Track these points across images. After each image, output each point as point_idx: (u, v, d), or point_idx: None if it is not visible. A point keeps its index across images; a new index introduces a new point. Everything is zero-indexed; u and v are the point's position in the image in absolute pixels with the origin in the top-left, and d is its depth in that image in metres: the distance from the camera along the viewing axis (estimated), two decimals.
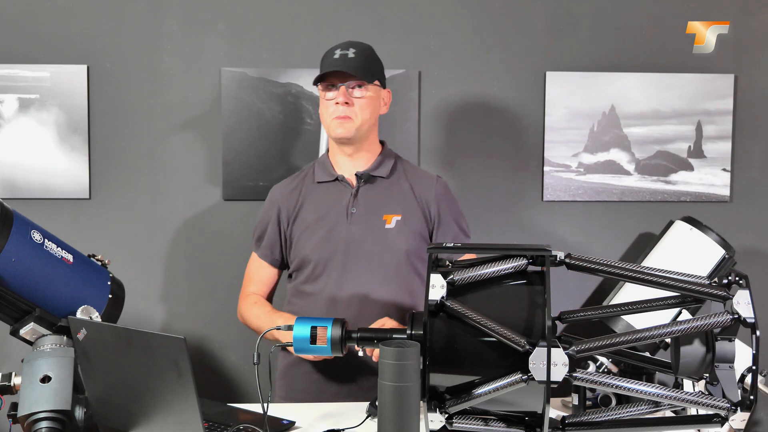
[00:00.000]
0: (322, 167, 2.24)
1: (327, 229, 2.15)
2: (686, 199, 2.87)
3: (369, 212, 2.16)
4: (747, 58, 2.87)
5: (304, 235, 2.18)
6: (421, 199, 2.19)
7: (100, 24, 2.72)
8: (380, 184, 2.20)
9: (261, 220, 2.27)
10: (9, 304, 1.48)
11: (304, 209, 2.20)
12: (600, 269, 1.58)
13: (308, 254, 2.16)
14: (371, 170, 2.20)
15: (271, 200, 2.26)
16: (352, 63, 2.10)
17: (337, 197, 2.18)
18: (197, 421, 1.33)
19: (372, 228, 2.15)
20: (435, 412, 1.54)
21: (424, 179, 2.24)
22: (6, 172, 2.70)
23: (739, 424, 1.48)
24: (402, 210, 2.17)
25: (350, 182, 2.19)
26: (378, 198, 2.18)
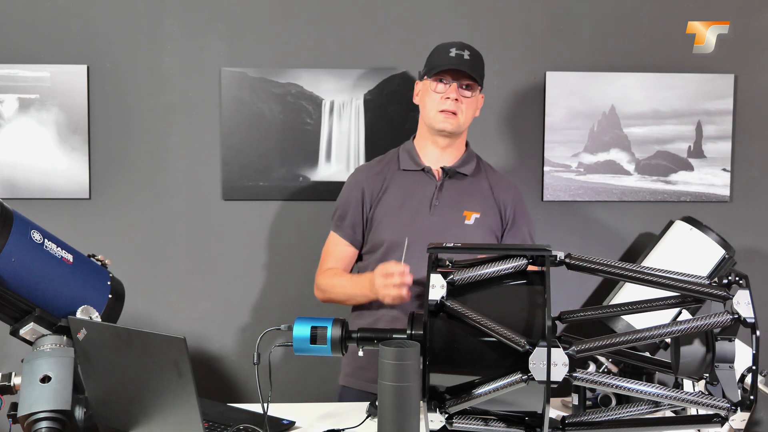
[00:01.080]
0: (408, 155, 2.30)
1: (409, 216, 2.22)
2: (686, 199, 2.87)
3: (451, 206, 2.23)
4: (747, 58, 2.86)
5: (386, 218, 2.24)
6: (498, 200, 2.28)
7: (100, 24, 2.71)
8: (463, 181, 2.28)
9: (344, 200, 2.32)
10: (9, 304, 1.48)
11: (388, 194, 2.26)
12: (600, 269, 1.58)
13: (388, 238, 2.21)
14: (457, 166, 2.28)
15: (355, 181, 2.33)
16: (468, 64, 2.20)
17: (422, 187, 2.25)
18: (197, 421, 1.33)
19: (452, 222, 2.22)
20: (435, 412, 1.54)
21: (503, 182, 2.35)
22: (6, 172, 2.70)
23: (739, 424, 1.48)
24: (481, 208, 2.25)
25: (436, 174, 2.27)
26: (460, 194, 2.26)
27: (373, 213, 2.26)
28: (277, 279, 2.80)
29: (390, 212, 2.24)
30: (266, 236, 2.80)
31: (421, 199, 2.24)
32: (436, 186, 2.25)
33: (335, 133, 2.76)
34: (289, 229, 2.79)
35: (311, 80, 2.75)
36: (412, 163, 2.29)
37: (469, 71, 2.20)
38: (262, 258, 2.81)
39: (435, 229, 2.19)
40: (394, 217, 2.23)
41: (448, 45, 2.25)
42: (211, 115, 2.75)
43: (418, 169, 2.28)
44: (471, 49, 2.24)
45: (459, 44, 2.25)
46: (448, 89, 2.20)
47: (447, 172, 2.26)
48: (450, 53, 2.21)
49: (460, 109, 2.21)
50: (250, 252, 2.79)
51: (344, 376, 2.33)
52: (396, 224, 2.22)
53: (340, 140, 2.76)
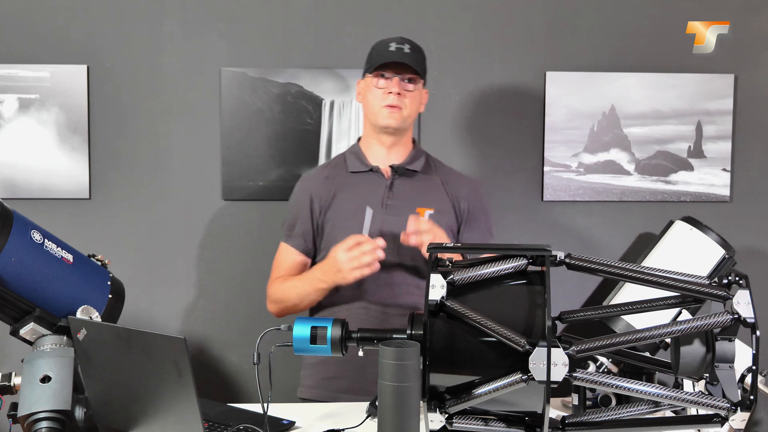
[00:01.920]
0: (355, 157, 2.27)
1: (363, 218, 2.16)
2: (686, 199, 2.87)
3: (404, 204, 2.20)
4: (747, 58, 2.87)
5: (339, 223, 2.20)
6: (452, 195, 2.26)
7: (100, 24, 2.72)
8: (414, 178, 2.25)
9: (292, 209, 2.29)
10: (9, 304, 1.48)
11: (339, 198, 2.22)
12: (600, 269, 1.58)
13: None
14: (406, 164, 2.25)
15: (302, 188, 2.29)
16: (408, 57, 2.17)
17: (372, 187, 2.22)
18: (197, 421, 1.33)
19: (407, 219, 2.16)
20: (435, 412, 1.54)
21: (455, 176, 2.32)
22: (6, 172, 2.70)
23: (739, 424, 1.48)
24: (435, 204, 2.22)
25: (385, 173, 2.23)
26: (412, 191, 2.23)
27: (324, 219, 2.23)
28: None
29: (342, 216, 2.20)
30: (266, 236, 2.79)
31: (374, 200, 2.19)
32: (386, 185, 2.22)
33: (335, 133, 2.76)
34: None
35: (311, 80, 2.75)
36: (360, 164, 2.25)
37: (411, 64, 2.16)
38: (262, 258, 2.80)
39: (390, 228, 2.16)
40: (346, 221, 2.18)
41: (387, 40, 2.21)
42: (211, 115, 2.75)
43: (366, 169, 2.24)
44: (411, 43, 2.21)
45: (398, 38, 2.21)
46: (390, 83, 2.16)
47: (396, 170, 2.23)
48: (390, 47, 2.18)
49: (404, 104, 2.17)
50: (250, 252, 2.79)
51: (306, 389, 2.28)
52: (349, 228, 2.16)
53: (340, 140, 2.76)
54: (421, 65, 2.22)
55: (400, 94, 2.16)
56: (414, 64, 2.17)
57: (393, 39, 2.21)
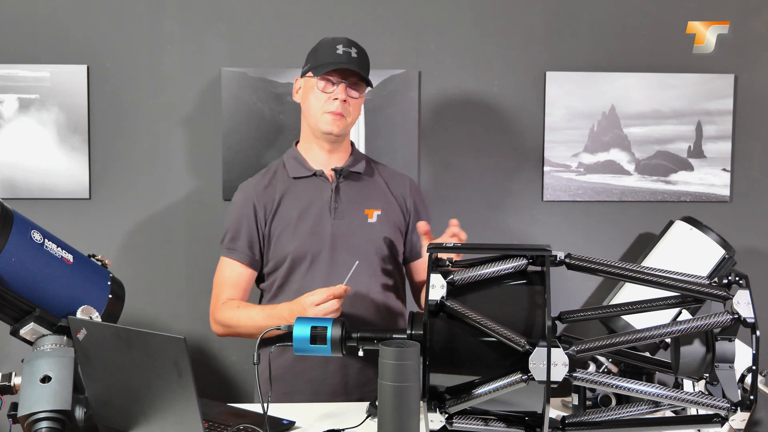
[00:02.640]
0: (295, 162, 2.22)
1: (311, 225, 2.15)
2: (686, 199, 2.87)
3: (351, 207, 2.18)
4: (747, 58, 2.87)
5: (286, 231, 2.16)
6: (397, 194, 2.24)
7: (100, 24, 2.72)
8: (358, 180, 2.22)
9: (234, 220, 2.19)
10: (9, 304, 1.48)
11: (284, 205, 2.17)
12: (600, 269, 1.58)
13: (293, 250, 2.14)
14: (349, 165, 2.21)
15: (244, 198, 2.21)
16: (356, 62, 2.11)
17: (318, 192, 2.18)
18: (197, 421, 1.33)
19: (356, 222, 2.17)
20: (435, 412, 1.54)
21: (396, 176, 2.30)
22: (6, 172, 2.70)
23: (739, 424, 1.48)
24: (381, 205, 2.21)
25: (329, 177, 2.20)
26: (358, 193, 2.20)
27: (269, 228, 2.16)
28: None
29: (289, 224, 2.15)
30: None
31: (320, 205, 2.16)
32: (332, 189, 2.17)
33: None
34: None
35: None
36: (302, 168, 2.19)
37: (360, 71, 2.10)
38: None
39: (340, 232, 2.14)
40: (294, 228, 2.14)
41: (334, 41, 2.13)
42: (211, 115, 2.75)
43: (309, 174, 2.19)
44: (357, 47, 2.14)
45: (345, 41, 2.14)
46: (336, 90, 2.10)
47: (340, 172, 2.18)
48: (337, 50, 2.10)
49: (348, 111, 2.12)
50: None
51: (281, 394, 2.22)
52: (298, 235, 2.14)
53: None
54: (367, 71, 2.16)
55: (345, 101, 2.10)
56: (364, 71, 2.12)
57: (340, 40, 2.14)
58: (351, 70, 2.09)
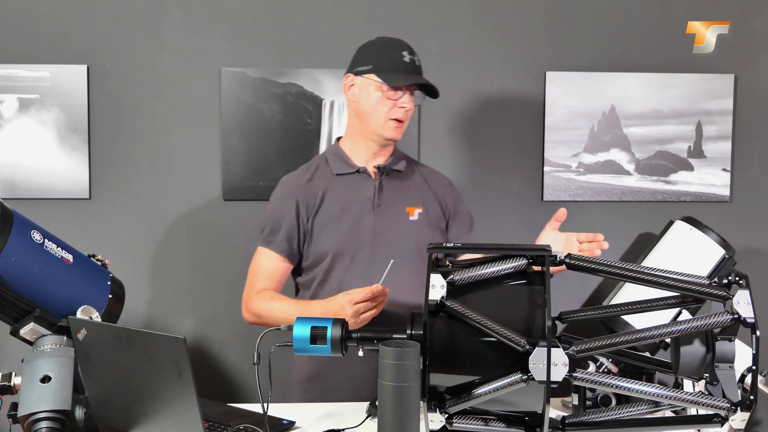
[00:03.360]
0: (338, 159, 2.22)
1: (353, 221, 2.15)
2: (686, 199, 2.87)
3: (393, 204, 2.19)
4: (747, 58, 2.87)
5: (328, 227, 2.16)
6: (436, 192, 2.25)
7: (100, 24, 2.72)
8: (399, 178, 2.23)
9: (275, 213, 2.20)
10: (9, 304, 1.48)
11: (326, 201, 2.18)
12: (600, 269, 1.58)
13: (334, 246, 2.15)
14: (391, 164, 2.23)
15: (287, 192, 2.21)
16: (421, 72, 2.16)
17: (360, 189, 2.19)
18: (197, 421, 1.33)
19: (397, 220, 2.17)
20: (435, 412, 1.54)
21: (434, 174, 2.32)
22: (6, 172, 2.70)
23: (739, 424, 1.48)
24: (422, 203, 2.21)
25: (372, 174, 2.21)
26: (399, 191, 2.21)
27: (312, 224, 2.16)
28: None
29: (331, 220, 2.15)
30: None
31: (362, 202, 2.16)
32: (375, 186, 2.18)
33: (335, 133, 2.76)
34: None
35: (311, 80, 2.75)
36: (345, 165, 2.20)
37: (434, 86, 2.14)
38: None
39: (380, 230, 2.14)
40: (335, 224, 2.15)
41: (396, 45, 2.15)
42: (211, 115, 2.75)
43: (352, 171, 2.19)
44: (416, 54, 2.17)
45: (407, 46, 2.16)
46: (405, 99, 2.11)
47: (383, 170, 2.20)
48: (404, 57, 2.12)
49: (407, 117, 2.16)
50: (250, 252, 2.79)
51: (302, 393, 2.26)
52: (339, 231, 2.15)
53: None
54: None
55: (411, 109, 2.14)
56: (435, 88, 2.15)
57: (402, 46, 2.15)
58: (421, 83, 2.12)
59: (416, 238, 2.17)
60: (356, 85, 2.17)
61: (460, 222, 2.27)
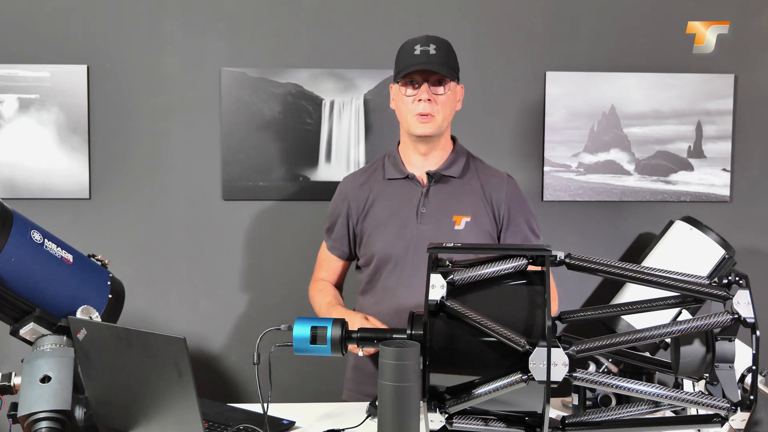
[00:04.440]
0: (393, 163, 2.22)
1: (398, 227, 2.15)
2: (686, 199, 2.87)
3: (439, 212, 2.15)
4: (747, 58, 2.87)
5: (375, 231, 2.17)
6: (491, 199, 2.17)
7: (100, 24, 2.72)
8: (451, 184, 2.18)
9: (332, 211, 2.27)
10: (9, 304, 1.48)
11: (376, 205, 2.18)
12: (600, 269, 1.58)
13: (378, 251, 2.16)
14: (442, 169, 2.18)
15: (342, 193, 2.25)
16: (435, 59, 2.08)
17: (408, 195, 2.17)
18: (197, 421, 1.33)
19: (441, 229, 2.13)
20: (435, 412, 1.54)
21: (495, 178, 2.21)
22: (6, 172, 2.70)
23: (739, 424, 1.48)
24: (472, 211, 2.15)
25: (421, 181, 2.18)
26: (448, 198, 2.16)
27: (361, 226, 2.19)
28: (277, 279, 2.80)
29: (378, 225, 2.16)
30: (266, 236, 2.80)
31: (409, 208, 2.15)
32: (422, 193, 2.15)
33: (335, 133, 2.76)
34: (289, 229, 2.79)
35: (311, 80, 2.75)
36: (397, 171, 2.19)
37: (437, 68, 2.07)
38: (262, 258, 2.81)
39: (424, 238, 2.08)
40: (382, 229, 2.15)
41: (412, 42, 2.12)
42: (211, 115, 2.75)
43: (402, 176, 2.18)
44: (437, 41, 2.11)
45: (423, 39, 2.11)
46: (419, 91, 2.09)
47: (432, 176, 2.16)
48: (415, 51, 2.09)
49: (436, 110, 2.09)
50: (250, 252, 2.79)
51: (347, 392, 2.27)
52: (385, 237, 2.15)
53: (340, 140, 2.76)
54: (451, 64, 2.13)
55: (430, 100, 2.08)
56: (441, 68, 2.08)
57: (418, 40, 2.11)
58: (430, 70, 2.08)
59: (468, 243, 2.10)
60: (394, 93, 2.19)
61: (514, 233, 2.17)
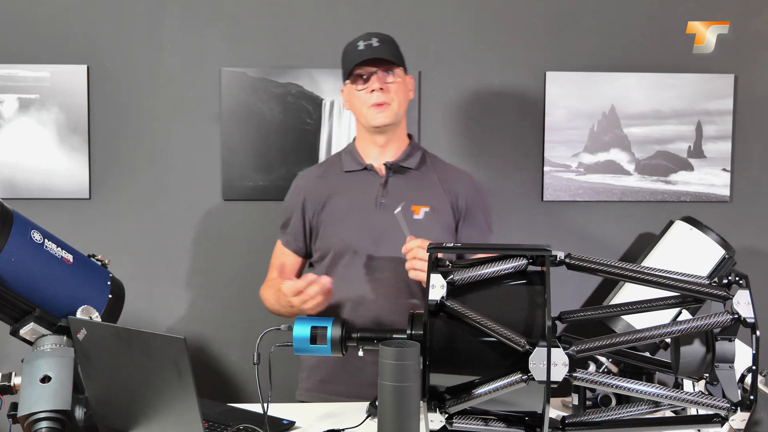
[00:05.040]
0: (350, 156, 2.24)
1: (357, 218, 2.16)
2: (686, 199, 2.87)
3: (398, 202, 2.14)
4: (747, 58, 2.86)
5: (334, 223, 2.18)
6: (449, 192, 2.21)
7: (100, 24, 2.72)
8: (409, 176, 2.21)
9: (286, 207, 2.28)
10: (9, 304, 1.48)
11: (334, 198, 2.19)
12: (600, 269, 1.58)
13: (337, 243, 2.16)
14: (400, 161, 2.21)
15: (296, 188, 2.27)
16: (378, 50, 2.12)
17: (367, 186, 2.19)
18: (197, 421, 1.33)
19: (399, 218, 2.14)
20: (435, 412, 1.54)
21: (452, 172, 2.27)
22: (6, 172, 2.70)
23: (739, 424, 1.48)
24: (430, 202, 2.18)
25: (379, 172, 2.20)
26: (407, 189, 2.19)
27: (317, 220, 2.20)
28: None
29: (337, 216, 2.17)
30: (266, 236, 2.79)
31: (368, 199, 2.17)
32: (381, 183, 2.18)
33: (335, 133, 2.76)
34: None
35: (311, 80, 2.75)
36: (355, 163, 2.22)
37: (382, 56, 2.10)
38: (262, 258, 2.80)
39: (384, 227, 2.13)
40: (340, 221, 2.17)
41: (354, 40, 2.17)
42: (211, 115, 2.75)
43: (360, 168, 2.20)
44: (379, 35, 2.16)
45: (365, 35, 2.16)
46: (370, 82, 2.12)
47: (390, 167, 2.19)
48: (358, 47, 2.13)
49: (390, 98, 2.12)
50: (250, 252, 2.79)
51: (304, 391, 2.27)
52: (343, 228, 2.16)
53: (340, 140, 2.75)
54: (395, 53, 2.16)
55: (382, 89, 2.11)
56: (385, 55, 2.11)
57: (359, 37, 2.17)
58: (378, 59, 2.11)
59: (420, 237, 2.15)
60: (346, 94, 2.21)
61: (471, 225, 2.22)
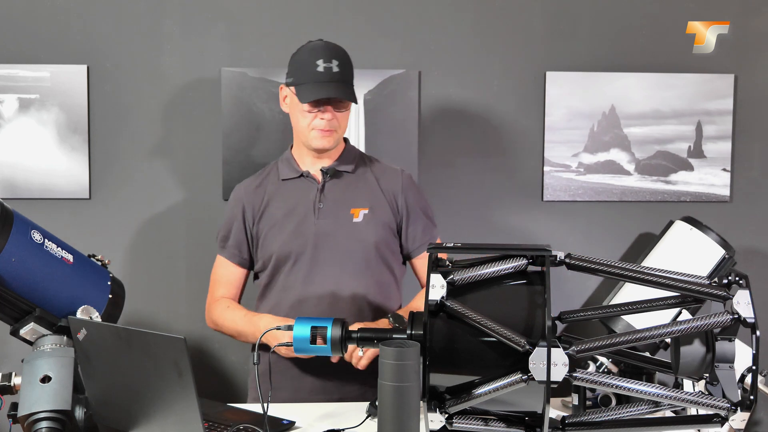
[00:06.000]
0: (286, 164, 2.24)
1: (295, 224, 2.16)
2: (686, 199, 2.87)
3: (336, 206, 2.17)
4: (747, 58, 2.87)
5: (272, 231, 2.17)
6: (387, 192, 2.20)
7: (100, 24, 2.72)
8: (346, 179, 2.21)
9: (226, 220, 2.26)
10: (9, 304, 1.48)
11: (271, 206, 2.19)
12: (600, 269, 1.58)
13: (276, 250, 2.16)
14: (336, 165, 2.20)
15: (235, 199, 2.26)
16: (339, 78, 2.07)
17: (304, 193, 2.18)
18: (197, 421, 1.33)
19: (340, 222, 2.15)
20: (435, 412, 1.54)
21: (389, 172, 2.25)
22: (6, 172, 2.70)
23: (739, 424, 1.48)
24: (369, 203, 2.18)
25: (316, 178, 2.20)
26: (344, 192, 2.19)
27: (257, 228, 2.19)
28: None
29: (274, 224, 2.17)
30: None
31: (306, 205, 2.16)
32: (318, 189, 2.17)
33: None
34: None
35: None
36: (291, 171, 2.21)
37: (346, 95, 2.07)
38: None
39: (323, 232, 2.13)
40: (279, 228, 2.16)
41: (312, 54, 2.08)
42: (211, 115, 2.75)
43: (297, 175, 2.19)
44: (338, 55, 2.09)
45: (324, 52, 2.08)
46: (323, 111, 2.08)
47: (327, 172, 2.18)
48: (318, 67, 2.05)
49: (336, 125, 2.11)
50: None
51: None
52: (282, 234, 2.15)
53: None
54: (351, 84, 2.11)
55: (332, 118, 2.09)
56: (349, 94, 2.08)
57: (317, 51, 2.08)
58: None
59: (361, 240, 2.15)
60: (287, 97, 2.17)
61: (415, 223, 2.21)
